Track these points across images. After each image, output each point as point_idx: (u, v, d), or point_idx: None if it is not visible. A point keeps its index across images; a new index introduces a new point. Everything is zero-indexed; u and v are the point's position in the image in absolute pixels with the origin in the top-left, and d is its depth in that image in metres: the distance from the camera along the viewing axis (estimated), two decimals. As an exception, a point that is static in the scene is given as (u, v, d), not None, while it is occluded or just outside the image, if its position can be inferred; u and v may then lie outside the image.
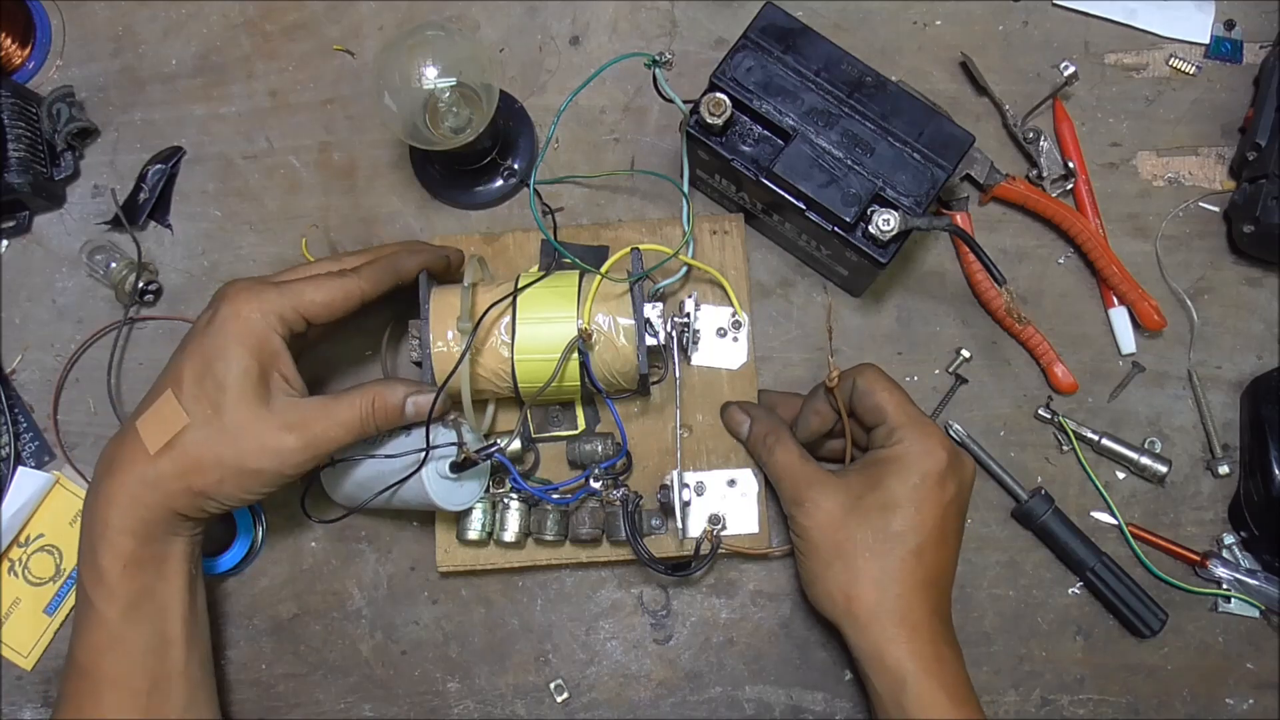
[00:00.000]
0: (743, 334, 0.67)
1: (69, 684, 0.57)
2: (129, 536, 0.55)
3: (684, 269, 0.65)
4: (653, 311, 0.60)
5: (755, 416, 0.64)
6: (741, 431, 0.64)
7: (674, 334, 0.62)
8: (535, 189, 0.61)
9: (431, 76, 0.63)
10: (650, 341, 0.60)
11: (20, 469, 0.67)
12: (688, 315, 0.63)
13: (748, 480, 0.65)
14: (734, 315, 0.67)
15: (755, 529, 0.65)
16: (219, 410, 0.54)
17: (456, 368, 0.57)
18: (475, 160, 0.68)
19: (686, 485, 0.63)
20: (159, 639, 0.57)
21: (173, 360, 0.57)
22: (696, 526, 0.64)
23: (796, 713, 0.66)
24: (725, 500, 0.65)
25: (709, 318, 0.67)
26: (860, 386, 0.59)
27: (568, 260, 0.61)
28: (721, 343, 0.67)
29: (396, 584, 0.67)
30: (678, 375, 0.64)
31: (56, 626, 0.68)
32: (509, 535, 0.63)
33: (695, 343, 0.66)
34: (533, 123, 0.71)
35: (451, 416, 0.59)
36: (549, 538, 0.63)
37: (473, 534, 0.63)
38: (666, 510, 0.64)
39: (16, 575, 0.68)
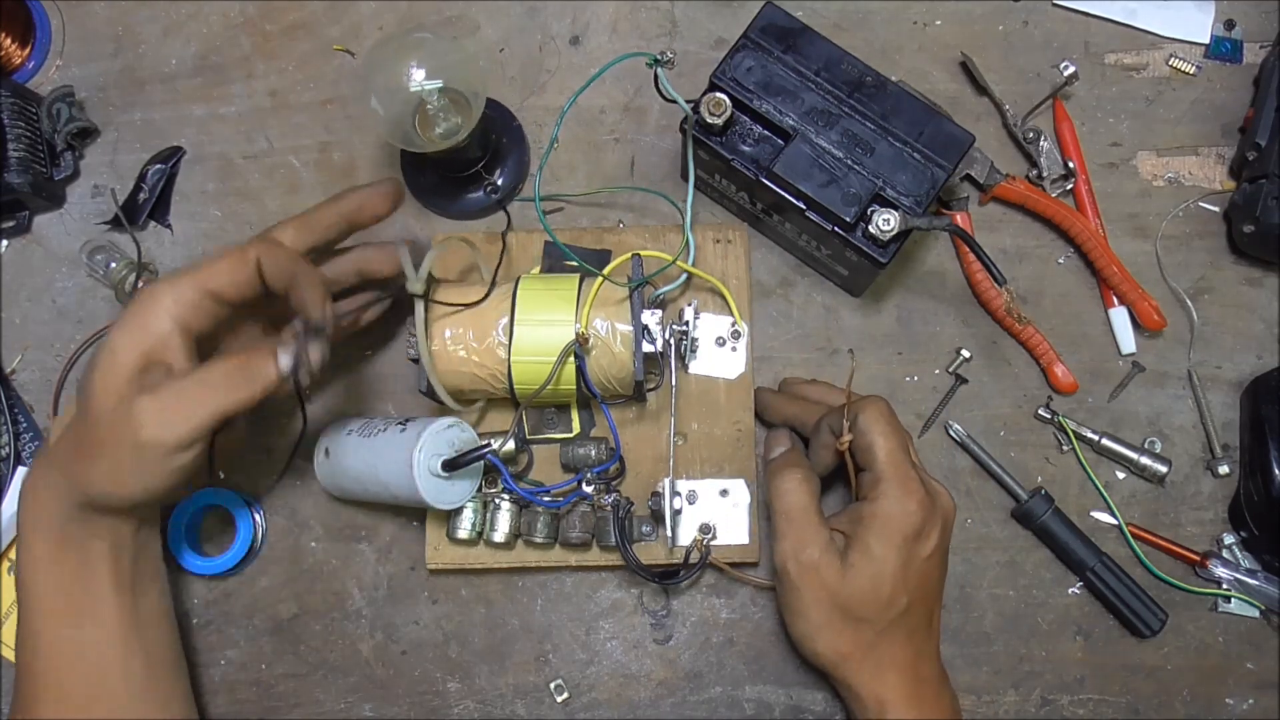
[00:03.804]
0: (742, 344, 0.67)
1: (16, 685, 0.57)
2: (42, 537, 0.54)
3: (683, 275, 0.65)
4: (651, 318, 0.60)
5: (792, 448, 0.62)
6: (772, 452, 0.62)
7: (672, 341, 0.62)
8: (537, 187, 0.61)
9: (419, 79, 0.62)
10: (647, 348, 0.60)
11: (20, 469, 0.67)
12: (686, 323, 0.63)
13: (740, 491, 0.65)
14: (734, 325, 0.67)
15: (746, 540, 0.64)
16: (91, 397, 0.51)
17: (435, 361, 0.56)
18: (462, 169, 0.68)
19: (678, 493, 0.63)
20: (86, 644, 0.56)
21: None
22: (687, 535, 0.64)
23: (796, 713, 0.66)
24: (717, 510, 0.65)
25: (708, 326, 0.67)
26: (859, 424, 0.57)
27: (570, 262, 0.61)
28: (720, 352, 0.67)
29: (396, 584, 0.67)
30: (674, 383, 0.64)
31: (56, 626, 0.68)
32: (499, 536, 0.63)
33: (693, 351, 0.66)
34: (525, 138, 0.71)
35: (449, 423, 0.59)
36: (539, 540, 0.63)
37: (463, 533, 0.63)
38: (657, 517, 0.64)
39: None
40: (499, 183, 0.70)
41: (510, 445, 0.63)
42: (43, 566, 0.55)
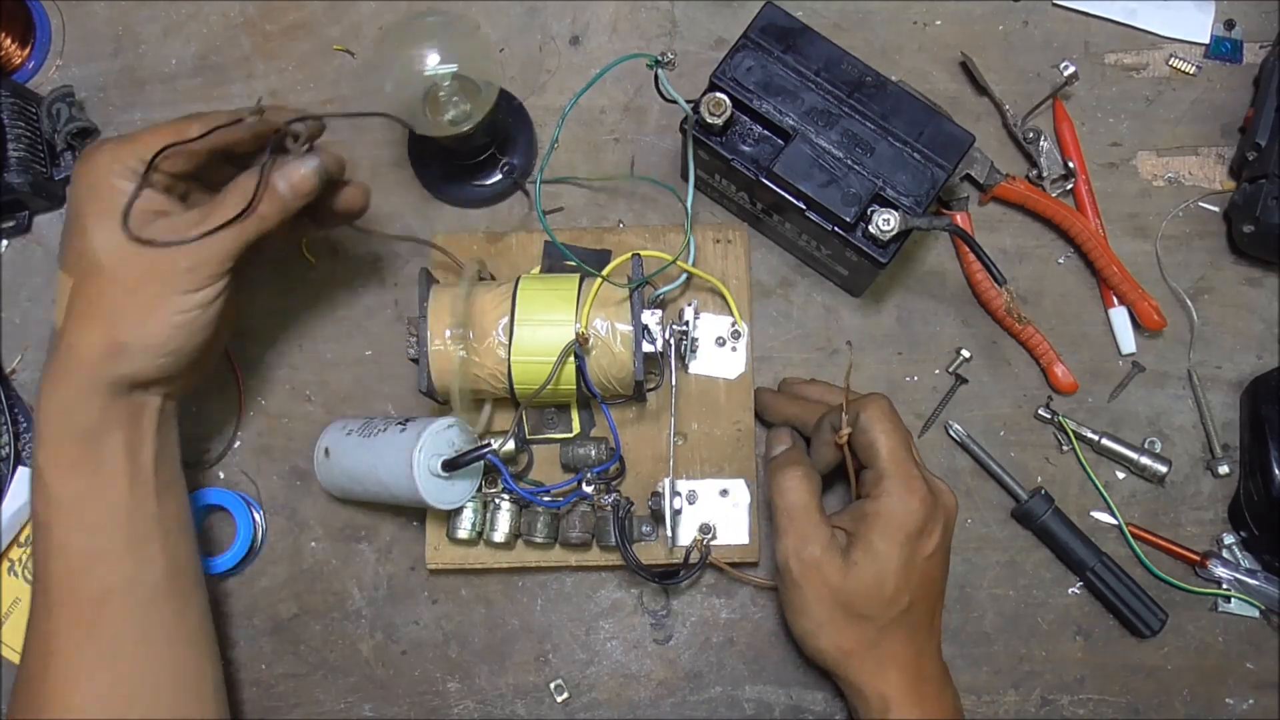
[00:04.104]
0: (741, 344, 0.67)
1: (32, 599, 0.55)
2: (59, 436, 0.54)
3: (683, 275, 0.65)
4: (651, 318, 0.60)
5: (793, 446, 0.62)
6: (773, 451, 0.62)
7: (672, 341, 0.62)
8: (539, 188, 0.61)
9: (433, 63, 0.62)
10: (647, 348, 0.60)
11: (20, 469, 0.67)
12: (686, 323, 0.63)
13: (740, 491, 0.65)
14: (734, 325, 0.67)
15: (746, 540, 0.64)
16: (93, 260, 0.53)
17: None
18: (473, 155, 0.68)
19: (678, 493, 0.63)
20: (96, 547, 0.54)
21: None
22: (687, 535, 0.64)
23: (796, 713, 0.66)
24: (717, 510, 0.65)
25: (709, 326, 0.67)
26: (861, 421, 0.57)
27: (570, 262, 0.61)
28: (720, 352, 0.67)
29: (396, 584, 0.67)
30: (674, 383, 0.64)
31: (56, 626, 0.68)
32: (499, 536, 0.63)
33: (693, 351, 0.66)
34: (531, 121, 0.71)
35: (449, 423, 0.59)
36: (539, 540, 0.63)
37: (463, 533, 0.63)
38: (657, 517, 0.64)
39: (16, 575, 0.68)
40: (514, 163, 0.70)
41: (510, 445, 0.63)
42: (58, 467, 0.54)
